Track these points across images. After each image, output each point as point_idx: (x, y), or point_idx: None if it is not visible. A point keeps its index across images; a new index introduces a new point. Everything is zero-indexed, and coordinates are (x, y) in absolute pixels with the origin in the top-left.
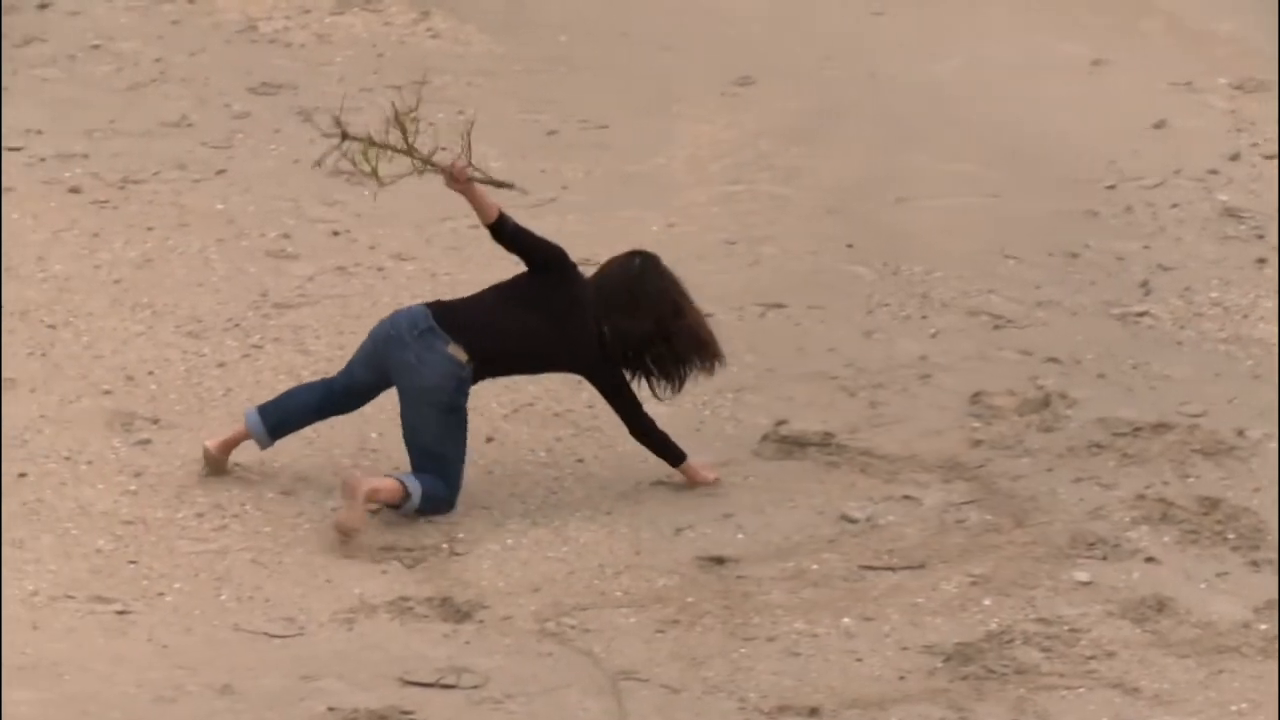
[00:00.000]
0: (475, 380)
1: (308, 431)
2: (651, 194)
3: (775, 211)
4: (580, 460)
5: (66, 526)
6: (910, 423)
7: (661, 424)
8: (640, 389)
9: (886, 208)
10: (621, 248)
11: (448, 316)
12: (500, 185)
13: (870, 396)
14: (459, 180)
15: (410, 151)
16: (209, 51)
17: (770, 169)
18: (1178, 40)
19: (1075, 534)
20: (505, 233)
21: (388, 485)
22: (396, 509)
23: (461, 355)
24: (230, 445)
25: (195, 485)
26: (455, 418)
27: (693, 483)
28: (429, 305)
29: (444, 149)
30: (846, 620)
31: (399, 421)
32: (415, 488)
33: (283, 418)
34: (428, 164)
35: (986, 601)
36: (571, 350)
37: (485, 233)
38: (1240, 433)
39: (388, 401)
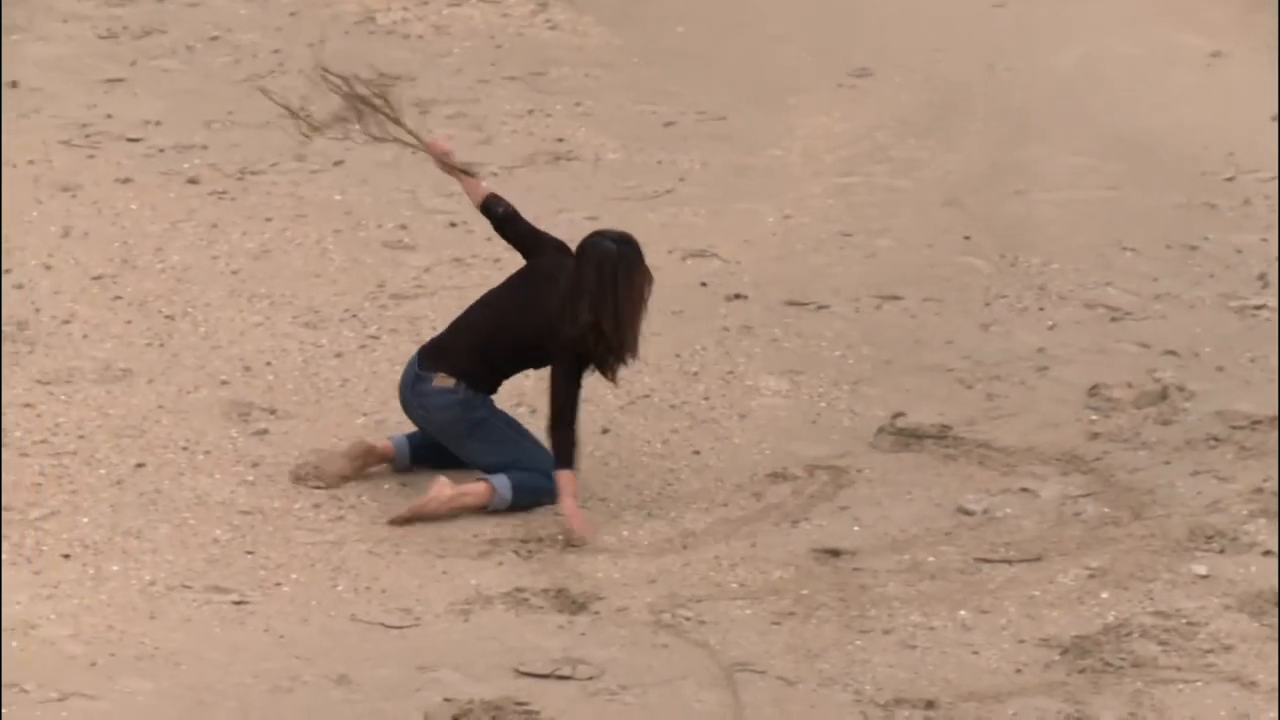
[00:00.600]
0: (484, 389)
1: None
2: (767, 186)
3: (892, 204)
4: (696, 452)
5: (184, 516)
6: (1028, 415)
7: (780, 414)
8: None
9: (1004, 200)
10: (737, 239)
11: (429, 353)
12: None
13: (987, 389)
14: (442, 156)
15: (398, 122)
16: (327, 43)
17: (887, 161)
18: None
19: (1193, 527)
20: (495, 217)
21: (475, 490)
22: (486, 510)
23: (448, 381)
24: (371, 456)
25: (311, 475)
26: (486, 425)
27: (566, 515)
28: (419, 350)
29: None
30: (963, 613)
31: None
32: (502, 484)
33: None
34: (416, 140)
35: (1104, 594)
36: (537, 328)
37: (601, 225)
38: None
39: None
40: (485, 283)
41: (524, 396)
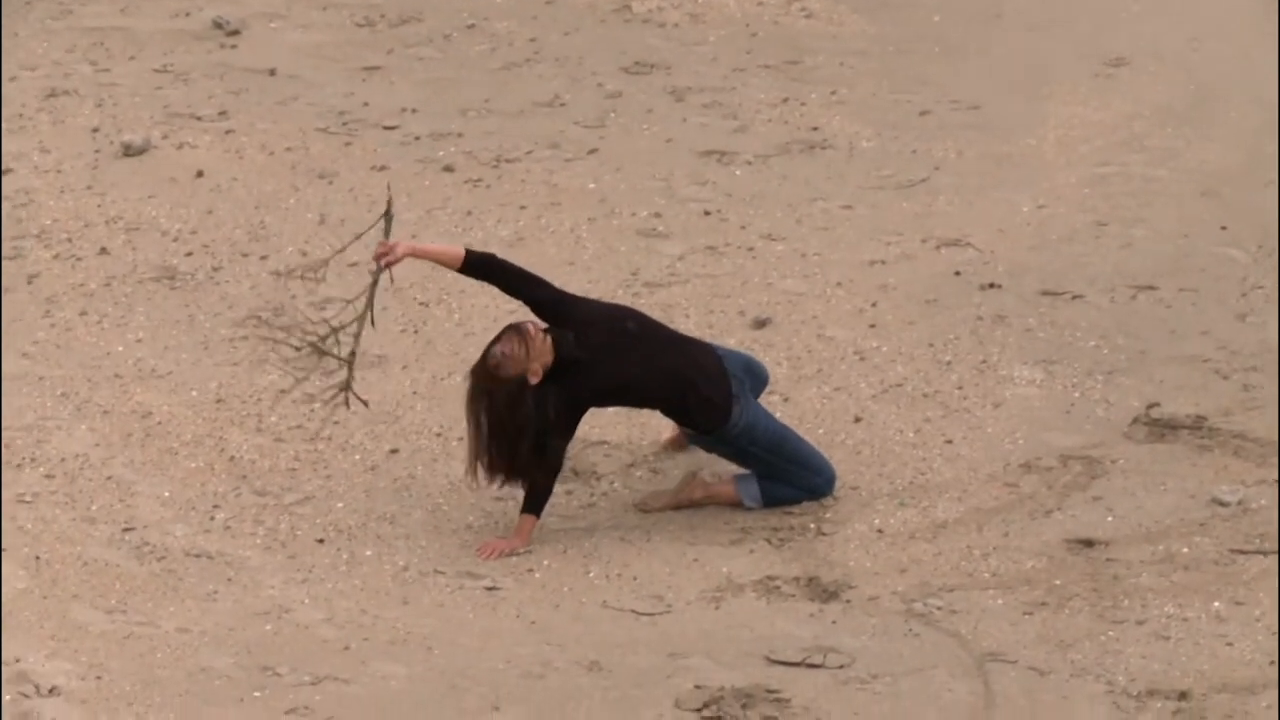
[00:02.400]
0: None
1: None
2: (1022, 175)
3: (1147, 193)
4: (949, 441)
5: (437, 502)
6: None
7: (1034, 404)
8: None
9: (1262, 190)
10: (991, 228)
11: None
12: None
13: (1243, 379)
14: (392, 258)
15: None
16: (582, 31)
17: (1143, 150)
18: None
19: None
20: (474, 266)
21: (724, 492)
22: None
23: None
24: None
25: (565, 463)
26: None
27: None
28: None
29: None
30: (1217, 604)
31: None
32: (752, 494)
33: None
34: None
35: None
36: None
37: (855, 214)
38: None
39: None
40: (738, 271)
41: None
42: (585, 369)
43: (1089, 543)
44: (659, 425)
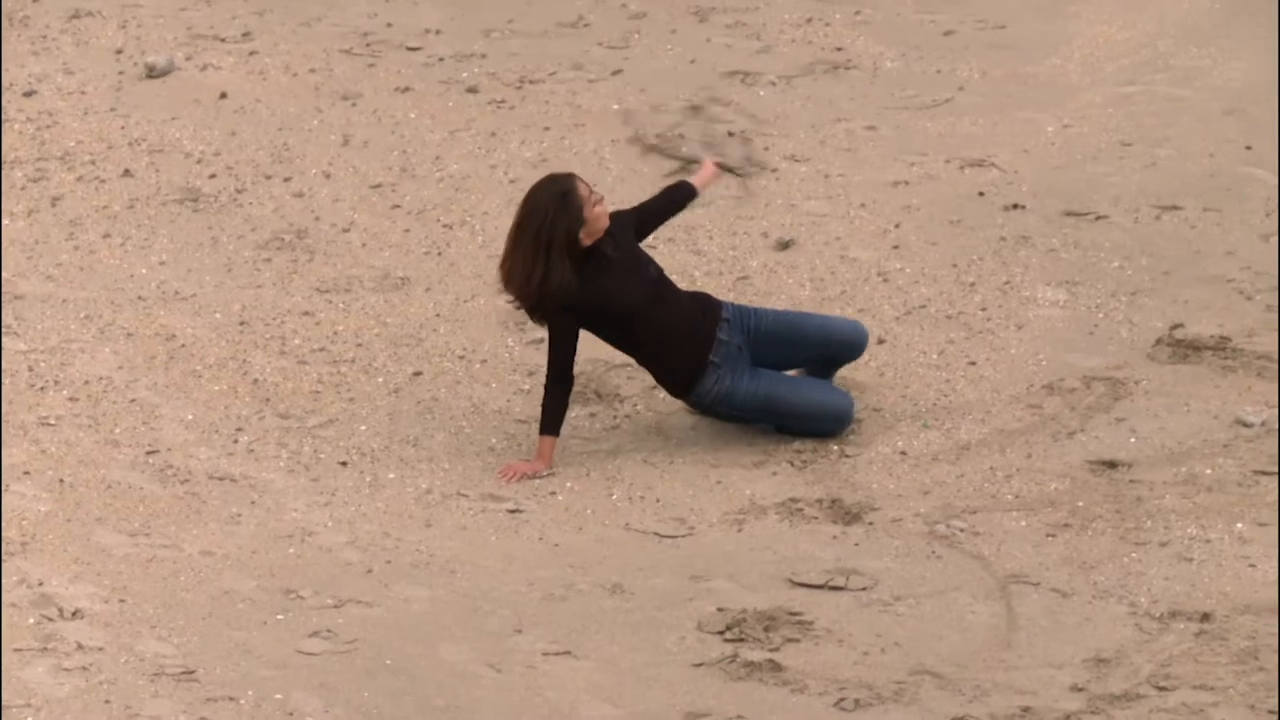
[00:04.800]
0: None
1: None
2: (1047, 95)
3: (1172, 113)
4: (972, 363)
5: (460, 425)
6: None
7: (1057, 325)
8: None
9: None
10: (1016, 148)
11: None
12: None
13: (1267, 300)
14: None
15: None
16: None
17: (1168, 70)
18: None
19: None
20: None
21: None
22: None
23: None
24: None
25: (588, 385)
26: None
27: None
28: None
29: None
30: (1240, 526)
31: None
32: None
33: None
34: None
35: None
36: None
37: (878, 135)
38: None
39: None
40: (761, 193)
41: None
42: (606, 273)
43: (1112, 464)
44: None
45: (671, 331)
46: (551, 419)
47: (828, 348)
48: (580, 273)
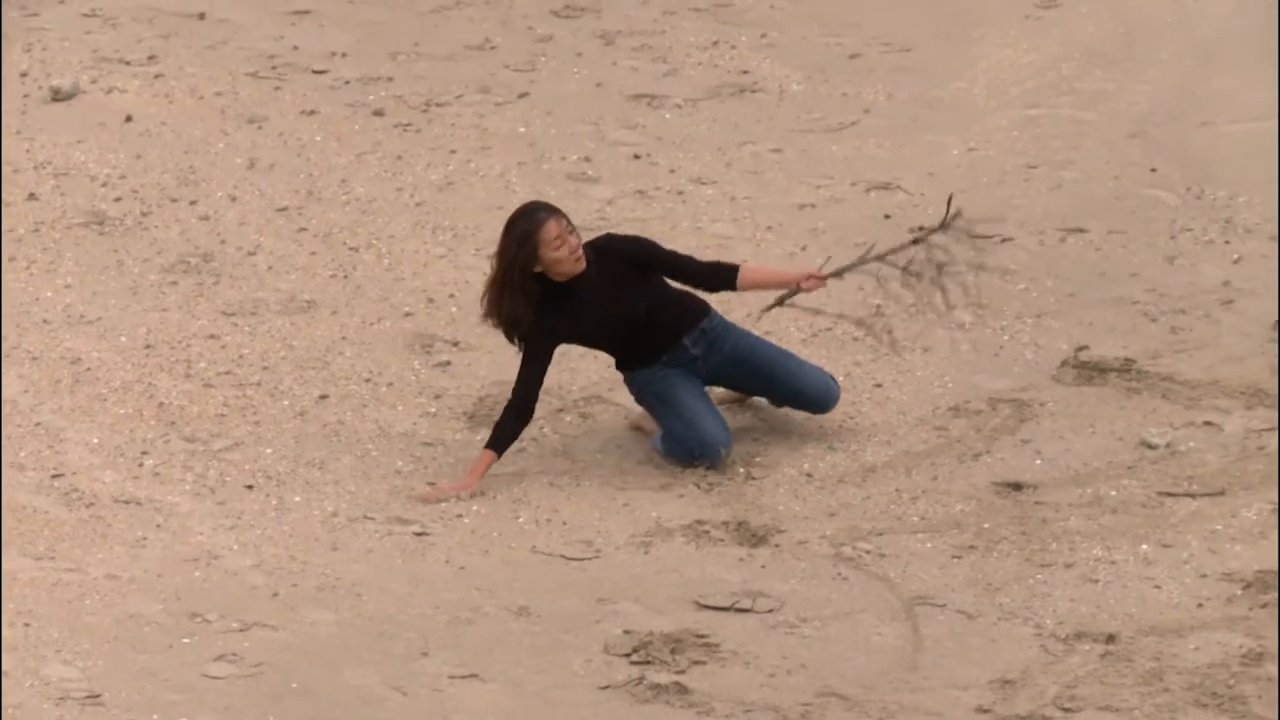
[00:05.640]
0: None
1: (604, 358)
2: (952, 118)
3: (1077, 136)
4: (878, 385)
5: (367, 448)
6: (1212, 349)
7: (963, 347)
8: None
9: (1190, 131)
10: (921, 171)
11: None
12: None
13: (1172, 322)
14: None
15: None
16: None
17: (1072, 93)
18: None
19: None
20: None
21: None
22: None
23: None
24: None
25: (494, 408)
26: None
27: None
28: None
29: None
30: (1145, 547)
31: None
32: (658, 441)
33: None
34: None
35: None
36: None
37: (784, 157)
38: None
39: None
40: (668, 215)
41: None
42: (570, 315)
43: (1017, 486)
44: (588, 370)
45: (633, 355)
46: (497, 438)
47: (792, 398)
48: (545, 307)
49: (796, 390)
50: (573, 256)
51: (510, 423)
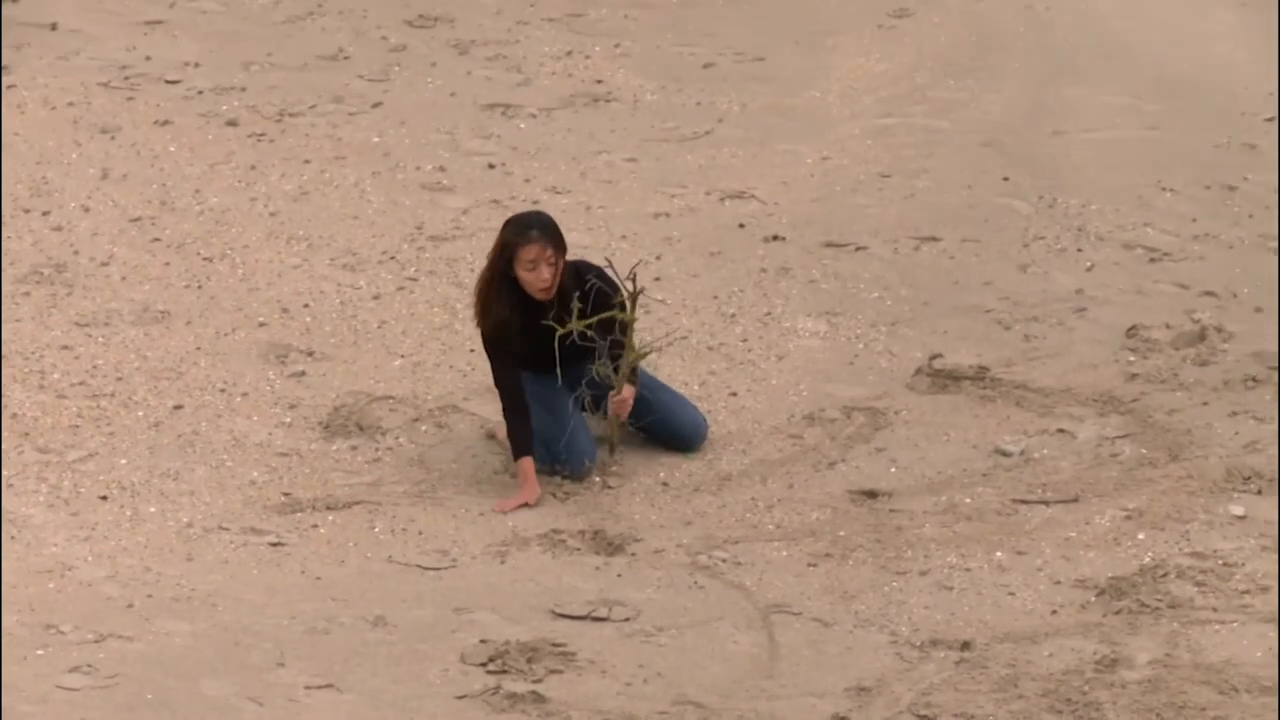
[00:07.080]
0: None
1: (461, 364)
2: (806, 127)
3: (930, 145)
4: (733, 394)
5: (221, 458)
6: (1065, 356)
7: (818, 355)
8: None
9: (1043, 140)
10: (775, 180)
11: None
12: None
13: (1025, 330)
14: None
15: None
16: None
17: (925, 102)
18: None
19: (1230, 468)
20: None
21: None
22: None
23: None
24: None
25: (350, 418)
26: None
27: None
28: None
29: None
30: (999, 554)
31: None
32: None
33: None
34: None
35: (1140, 535)
36: None
37: (639, 167)
38: None
39: None
40: None
41: None
42: (520, 330)
43: (872, 494)
44: (444, 380)
45: (535, 366)
46: (513, 442)
47: (661, 430)
48: (511, 308)
49: (668, 425)
50: (540, 286)
51: (517, 424)
